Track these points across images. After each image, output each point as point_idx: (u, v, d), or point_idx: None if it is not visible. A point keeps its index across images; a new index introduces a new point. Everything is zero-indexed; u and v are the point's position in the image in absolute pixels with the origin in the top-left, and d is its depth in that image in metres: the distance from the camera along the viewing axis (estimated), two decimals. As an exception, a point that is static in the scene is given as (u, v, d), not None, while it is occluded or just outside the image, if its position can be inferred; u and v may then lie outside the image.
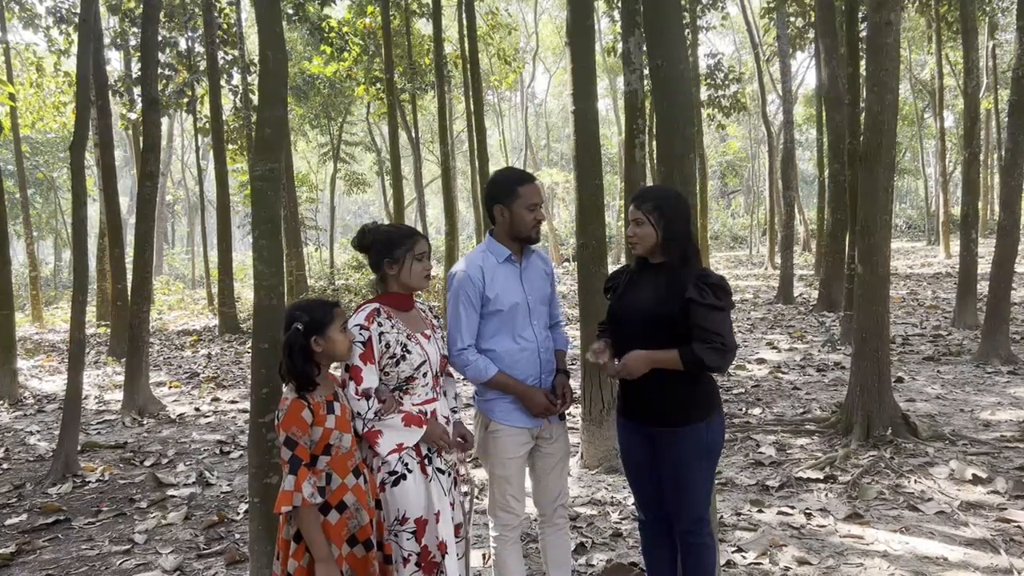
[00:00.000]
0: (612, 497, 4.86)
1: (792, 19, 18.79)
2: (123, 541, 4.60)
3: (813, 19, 15.66)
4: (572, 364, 9.56)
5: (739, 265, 27.11)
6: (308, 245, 27.11)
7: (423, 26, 25.87)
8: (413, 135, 22.92)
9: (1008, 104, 7.98)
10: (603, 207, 5.57)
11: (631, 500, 4.77)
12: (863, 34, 10.85)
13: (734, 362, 9.16)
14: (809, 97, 34.13)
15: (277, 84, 3.37)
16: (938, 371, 7.97)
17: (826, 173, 14.52)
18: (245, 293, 21.52)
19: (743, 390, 7.70)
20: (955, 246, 26.73)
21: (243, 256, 34.22)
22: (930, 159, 41.17)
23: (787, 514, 4.40)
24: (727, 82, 22.44)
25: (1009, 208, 7.99)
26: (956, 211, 33.21)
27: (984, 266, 11.22)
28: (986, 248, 16.72)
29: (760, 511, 4.47)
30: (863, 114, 5.94)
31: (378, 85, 21.68)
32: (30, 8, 18.82)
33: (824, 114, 14.30)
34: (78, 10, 16.90)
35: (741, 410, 6.88)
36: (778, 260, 24.94)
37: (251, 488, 3.32)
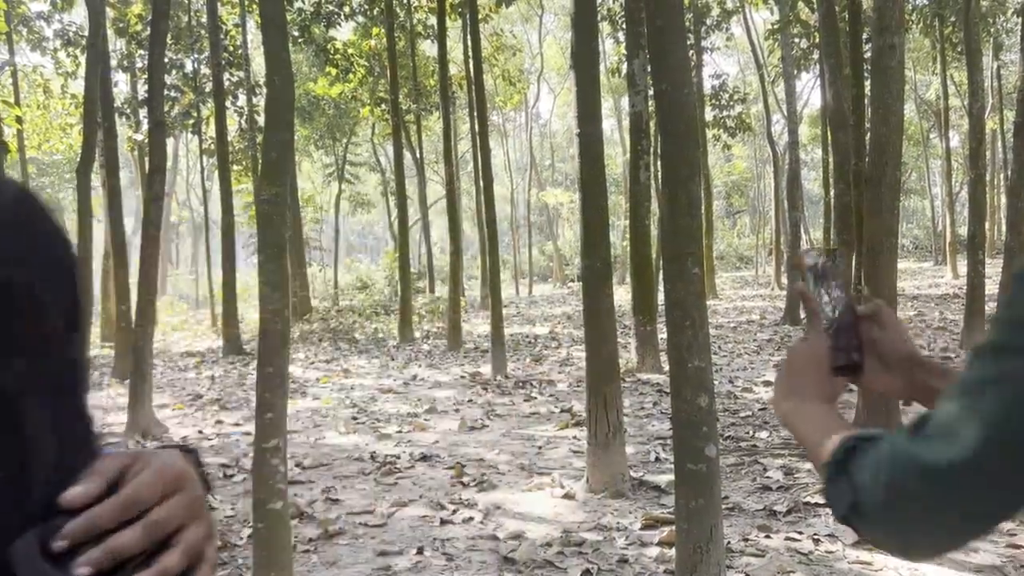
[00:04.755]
0: (618, 523, 4.81)
1: (796, 40, 18.88)
2: (125, 566, 4.56)
3: (817, 41, 15.72)
4: (578, 385, 9.52)
5: (745, 285, 27.11)
6: (312, 265, 27.19)
7: (428, 48, 26.06)
8: (418, 156, 23.03)
9: (1013, 125, 7.99)
10: (608, 229, 5.57)
11: (638, 526, 4.72)
12: (867, 55, 10.89)
13: (741, 384, 9.10)
14: (814, 117, 34.22)
15: (283, 109, 3.37)
16: (946, 393, 7.91)
17: (831, 193, 14.50)
18: (249, 314, 21.54)
19: (750, 413, 7.64)
20: (962, 267, 26.68)
21: (247, 277, 34.34)
22: (936, 179, 41.20)
23: (795, 540, 4.35)
24: (732, 102, 22.55)
25: (1016, 229, 7.97)
26: (962, 231, 33.11)
27: (991, 287, 11.21)
28: (993, 269, 16.69)
29: (768, 536, 4.41)
30: (868, 135, 5.95)
31: (383, 106, 21.82)
32: (38, 31, 18.99)
33: (829, 135, 14.31)
34: (86, 33, 17.07)
35: (748, 433, 6.83)
36: (784, 280, 24.91)
37: (255, 514, 3.29)
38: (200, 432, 8.41)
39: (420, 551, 4.51)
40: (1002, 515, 0.71)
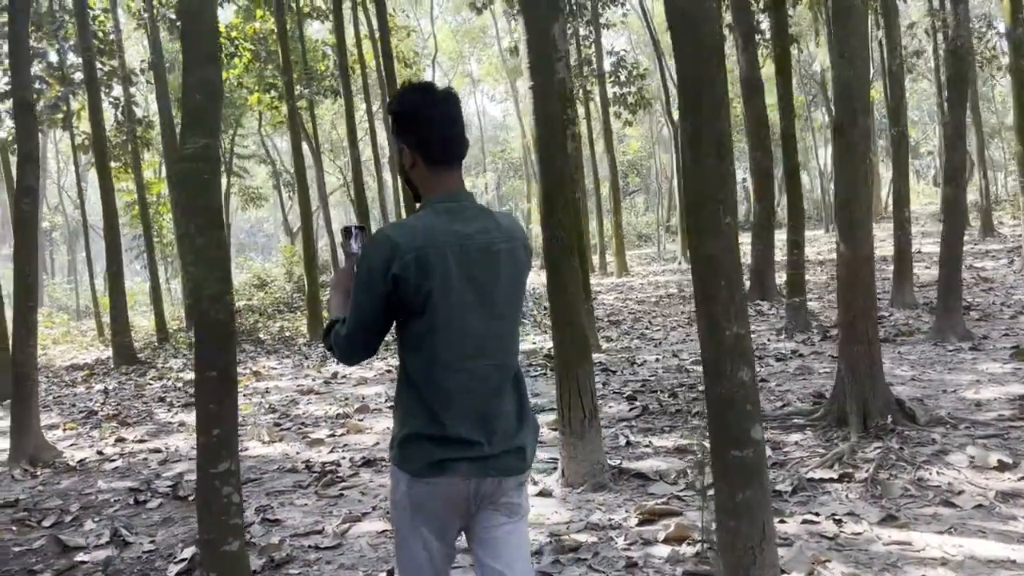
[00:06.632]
0: (610, 519, 4.27)
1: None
2: (24, 628, 3.71)
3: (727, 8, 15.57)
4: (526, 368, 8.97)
5: (651, 262, 27.16)
6: (205, 266, 25.53)
7: (314, 31, 24.92)
8: (314, 144, 21.88)
9: (946, 79, 7.89)
10: (572, 192, 4.98)
11: (633, 521, 4.20)
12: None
13: (687, 357, 8.74)
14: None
15: (204, 38, 2.63)
16: (899, 352, 7.76)
17: (746, 163, 14.41)
18: (137, 321, 19.97)
19: (709, 386, 7.25)
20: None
21: (130, 283, 32.01)
22: (818, 152, 42.60)
23: (813, 522, 3.91)
24: (631, 79, 22.39)
25: (954, 183, 7.87)
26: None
27: (888, 249, 11.33)
28: (883, 233, 17.08)
29: (782, 521, 3.96)
30: (829, 87, 5.59)
31: (272, 93, 20.57)
32: None
33: (741, 103, 14.19)
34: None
35: (715, 408, 6.42)
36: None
37: (205, 558, 2.55)
38: (100, 453, 7.39)
39: (390, 574, 3.85)
40: (363, 352, 2.06)
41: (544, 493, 4.78)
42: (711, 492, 4.15)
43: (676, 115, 27.12)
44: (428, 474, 1.97)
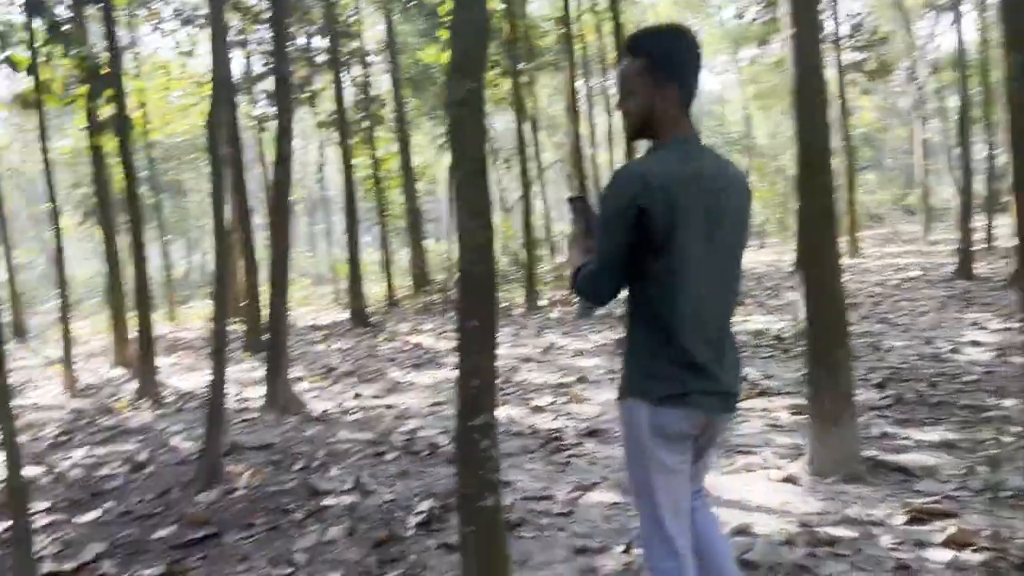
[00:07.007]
0: (869, 515, 3.85)
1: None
2: (282, 562, 3.94)
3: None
4: (754, 349, 8.51)
5: (886, 243, 25.06)
6: (427, 238, 26.76)
7: (534, 8, 25.08)
8: (532, 118, 22.16)
9: None
10: (830, 156, 4.52)
11: (899, 520, 3.75)
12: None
13: (943, 345, 7.86)
14: (953, 60, 31.26)
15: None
16: None
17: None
18: (369, 288, 21.33)
19: (975, 377, 6.44)
20: None
21: (362, 252, 34.09)
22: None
23: None
24: (872, 43, 20.64)
25: None
26: None
27: None
28: None
29: (1089, 537, 3.37)
30: None
31: (496, 69, 21.02)
32: (156, 12, 19.04)
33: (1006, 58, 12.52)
34: (201, 11, 17.01)
35: (986, 401, 5.68)
36: (933, 236, 22.83)
37: (462, 514, 2.51)
38: (340, 406, 7.88)
39: (627, 548, 3.69)
40: (610, 289, 2.15)
41: (790, 480, 4.42)
42: (1006, 493, 3.65)
43: (920, 81, 24.66)
44: (670, 404, 2.09)
